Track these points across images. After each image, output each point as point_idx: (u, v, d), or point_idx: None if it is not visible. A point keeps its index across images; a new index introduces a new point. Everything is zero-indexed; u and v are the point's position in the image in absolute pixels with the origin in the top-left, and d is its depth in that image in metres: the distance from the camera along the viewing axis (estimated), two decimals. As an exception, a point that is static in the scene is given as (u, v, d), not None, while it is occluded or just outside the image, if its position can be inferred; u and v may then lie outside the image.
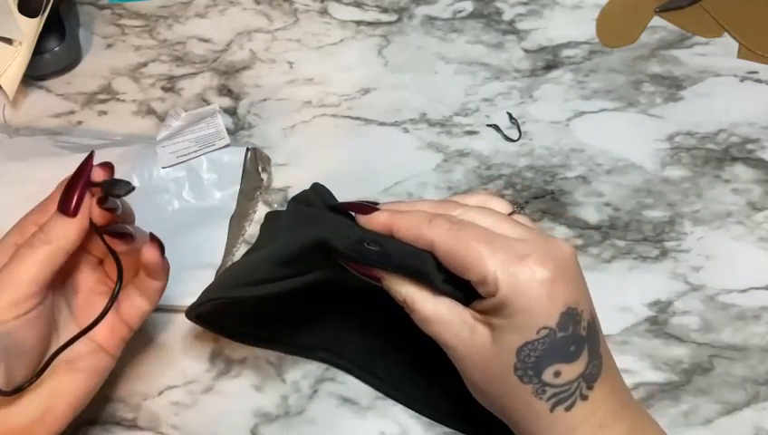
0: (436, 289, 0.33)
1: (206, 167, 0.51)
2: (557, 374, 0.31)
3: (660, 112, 0.56)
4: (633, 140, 0.55)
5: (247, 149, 0.51)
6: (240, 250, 0.50)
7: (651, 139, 0.55)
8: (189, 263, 0.46)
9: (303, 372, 0.45)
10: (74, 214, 0.35)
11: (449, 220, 0.32)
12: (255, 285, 0.38)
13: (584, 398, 0.31)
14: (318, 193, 0.41)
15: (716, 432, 0.43)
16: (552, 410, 0.31)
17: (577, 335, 0.31)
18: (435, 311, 0.33)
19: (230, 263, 0.49)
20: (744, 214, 0.51)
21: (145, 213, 0.49)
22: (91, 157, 0.36)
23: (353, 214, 0.36)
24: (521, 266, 0.30)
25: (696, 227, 0.50)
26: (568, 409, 0.31)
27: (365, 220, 0.35)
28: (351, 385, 0.44)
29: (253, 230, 0.51)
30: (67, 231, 0.35)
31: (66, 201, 0.35)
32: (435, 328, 0.33)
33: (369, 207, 0.35)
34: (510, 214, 0.34)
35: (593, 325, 0.32)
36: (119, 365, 0.40)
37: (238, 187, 0.51)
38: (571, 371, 0.31)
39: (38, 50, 0.57)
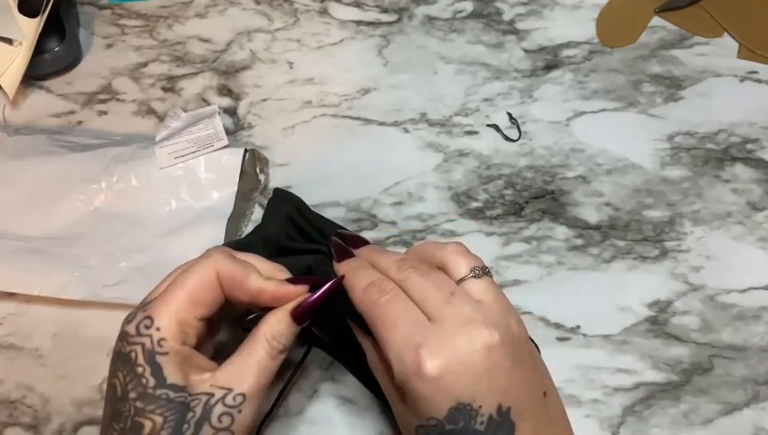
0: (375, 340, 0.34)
1: (203, 167, 0.51)
2: None
3: (660, 112, 0.56)
4: (633, 140, 0.55)
5: (245, 150, 0.51)
6: (239, 250, 0.50)
7: (651, 139, 0.55)
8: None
9: (303, 371, 0.45)
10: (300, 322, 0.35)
11: (381, 290, 0.34)
12: None
13: None
14: (301, 211, 0.43)
15: (716, 432, 0.43)
16: None
17: (471, 430, 0.30)
18: (371, 360, 0.37)
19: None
20: (744, 214, 0.51)
21: (143, 213, 0.50)
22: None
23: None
24: (410, 358, 0.31)
25: (696, 227, 0.50)
26: None
27: (335, 267, 0.38)
28: (351, 385, 0.44)
29: (250, 230, 0.51)
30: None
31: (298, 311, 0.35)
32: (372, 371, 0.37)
33: (344, 253, 0.38)
34: (462, 279, 0.34)
35: (498, 421, 0.31)
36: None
37: (236, 187, 0.50)
38: None
39: (38, 50, 0.57)
